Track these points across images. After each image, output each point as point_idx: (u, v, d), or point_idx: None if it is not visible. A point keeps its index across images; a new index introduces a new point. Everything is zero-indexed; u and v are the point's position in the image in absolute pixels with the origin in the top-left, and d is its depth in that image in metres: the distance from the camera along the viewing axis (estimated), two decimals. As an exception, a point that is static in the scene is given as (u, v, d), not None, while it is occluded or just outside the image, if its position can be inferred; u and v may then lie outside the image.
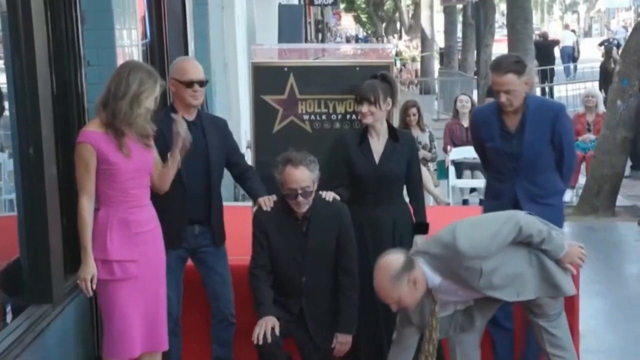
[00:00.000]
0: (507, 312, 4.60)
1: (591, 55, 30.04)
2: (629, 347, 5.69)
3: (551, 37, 27.88)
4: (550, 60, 22.56)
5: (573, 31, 33.19)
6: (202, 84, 4.57)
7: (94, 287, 4.03)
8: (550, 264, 3.97)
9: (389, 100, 4.67)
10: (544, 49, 22.45)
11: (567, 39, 27.49)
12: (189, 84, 4.52)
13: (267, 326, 4.33)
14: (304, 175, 4.35)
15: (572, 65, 25.67)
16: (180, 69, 4.59)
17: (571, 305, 4.72)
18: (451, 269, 3.84)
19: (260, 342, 4.31)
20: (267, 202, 4.55)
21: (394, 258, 3.85)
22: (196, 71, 4.57)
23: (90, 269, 4.01)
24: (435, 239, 3.95)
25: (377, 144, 4.68)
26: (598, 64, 19.73)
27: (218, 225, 4.74)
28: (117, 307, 4.09)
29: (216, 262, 4.75)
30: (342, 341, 4.50)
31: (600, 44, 26.31)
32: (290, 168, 4.35)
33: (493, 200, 4.81)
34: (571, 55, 26.14)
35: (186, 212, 4.59)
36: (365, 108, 4.60)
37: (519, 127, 4.66)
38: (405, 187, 4.83)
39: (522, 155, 4.64)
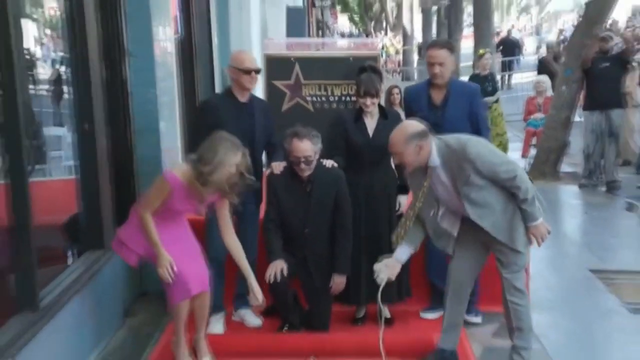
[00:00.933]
0: None
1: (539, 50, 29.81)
2: (569, 284, 5.78)
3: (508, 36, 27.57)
4: (513, 53, 22.38)
5: (519, 30, 32.78)
6: (257, 71, 4.54)
7: (175, 269, 3.88)
8: (519, 221, 3.88)
9: (382, 87, 4.68)
10: (509, 44, 22.25)
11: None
12: (248, 72, 4.48)
13: (277, 268, 4.35)
14: (307, 147, 4.35)
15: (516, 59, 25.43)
16: (240, 59, 4.53)
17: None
18: (451, 160, 3.81)
19: (272, 281, 4.34)
20: (278, 167, 4.54)
21: (415, 124, 3.86)
22: (253, 61, 4.54)
23: (164, 258, 3.87)
24: (455, 135, 3.91)
25: (371, 122, 4.67)
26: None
27: (261, 188, 4.68)
28: None
29: (251, 215, 4.66)
30: (338, 281, 4.53)
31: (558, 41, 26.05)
32: (296, 140, 4.36)
33: None
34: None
35: None
36: (369, 101, 4.59)
37: (443, 101, 4.66)
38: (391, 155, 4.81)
39: (444, 124, 4.58)
